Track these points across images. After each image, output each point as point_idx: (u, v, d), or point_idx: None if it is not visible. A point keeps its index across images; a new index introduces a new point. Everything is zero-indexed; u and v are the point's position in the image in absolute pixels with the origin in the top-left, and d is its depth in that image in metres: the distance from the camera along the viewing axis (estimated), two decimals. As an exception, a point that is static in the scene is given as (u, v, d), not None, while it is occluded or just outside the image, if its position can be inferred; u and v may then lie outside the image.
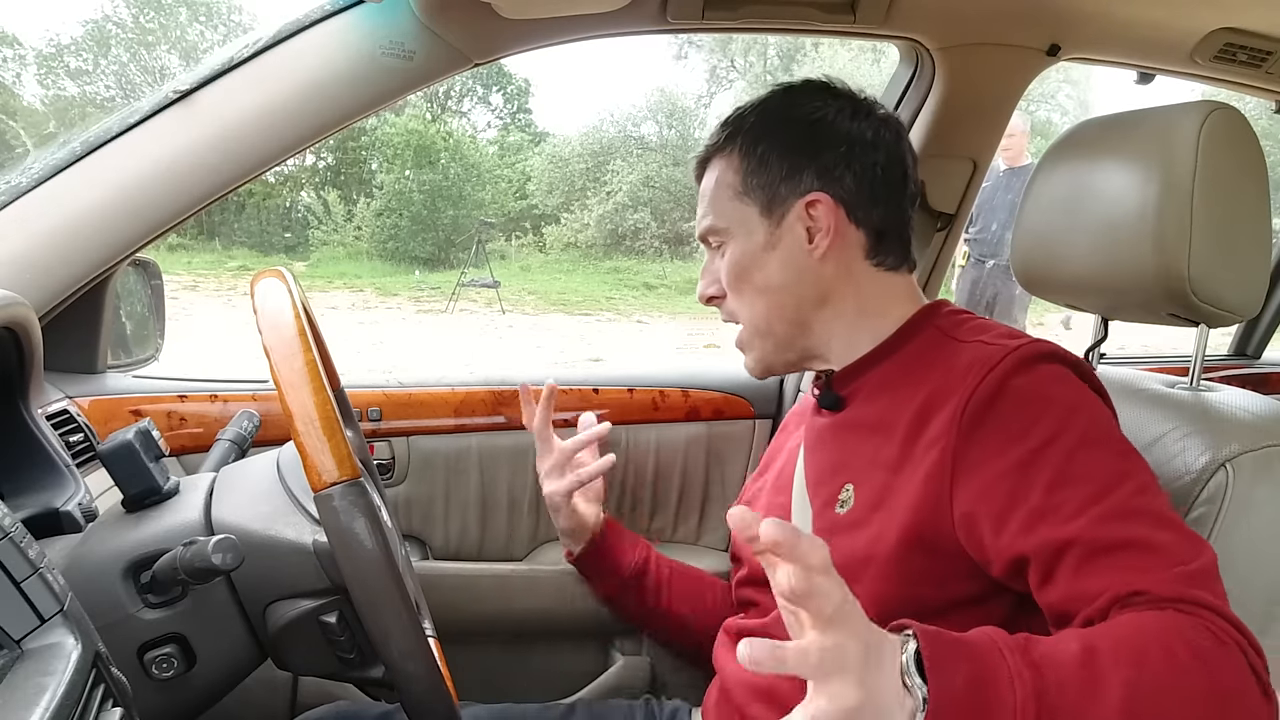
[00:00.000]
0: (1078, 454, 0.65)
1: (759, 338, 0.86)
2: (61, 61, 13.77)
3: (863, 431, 0.80)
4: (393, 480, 1.31)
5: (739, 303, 0.85)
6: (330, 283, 11.37)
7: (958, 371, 0.73)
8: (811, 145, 0.81)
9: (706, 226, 0.86)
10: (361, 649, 0.73)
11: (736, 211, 0.84)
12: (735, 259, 0.84)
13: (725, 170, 0.85)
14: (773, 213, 0.82)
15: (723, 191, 0.84)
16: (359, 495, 0.63)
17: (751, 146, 0.83)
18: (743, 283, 0.84)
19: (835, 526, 0.78)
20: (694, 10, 1.13)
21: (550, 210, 14.15)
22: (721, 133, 0.86)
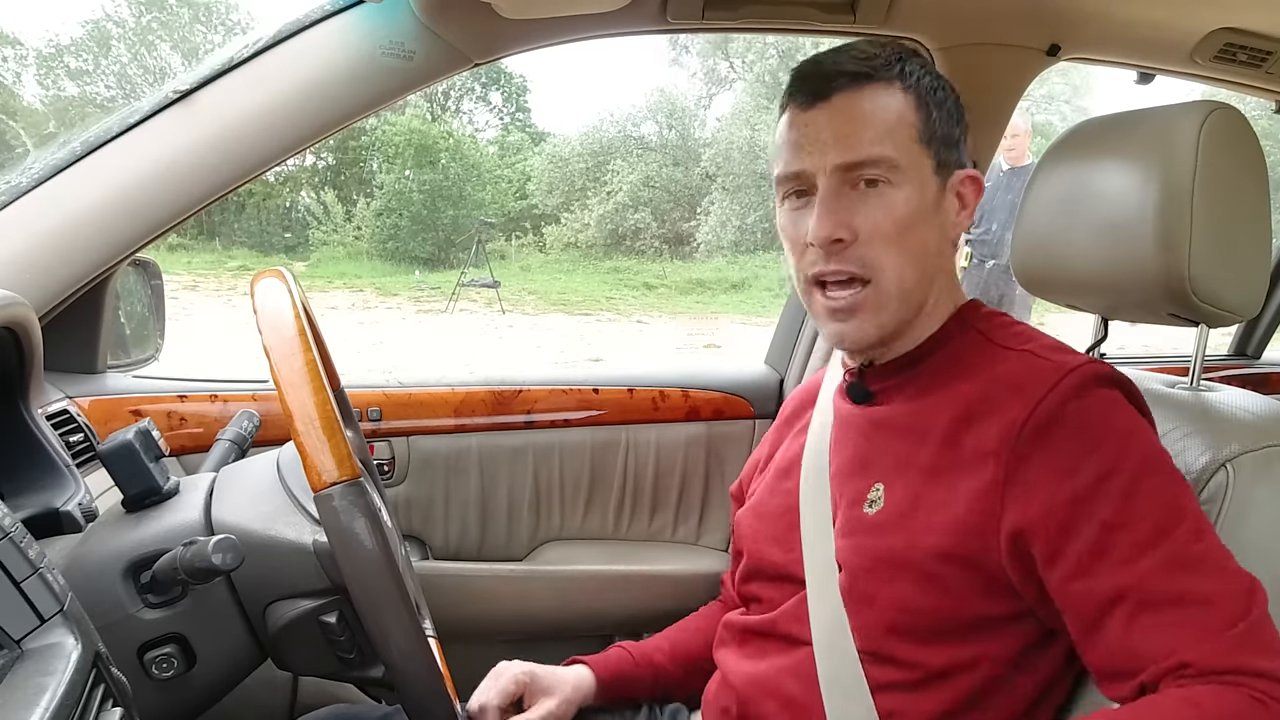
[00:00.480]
0: (1135, 490, 0.64)
1: (898, 301, 0.75)
2: (61, 61, 13.77)
3: (897, 431, 0.77)
4: (393, 480, 1.31)
5: (894, 255, 0.73)
6: (330, 283, 11.37)
7: (1006, 383, 0.71)
8: (962, 122, 0.78)
9: (877, 155, 0.72)
10: (361, 649, 0.73)
11: (915, 155, 0.74)
12: (911, 206, 0.73)
13: (900, 104, 0.74)
14: (941, 173, 0.76)
15: (904, 128, 0.73)
16: (359, 495, 0.63)
17: (929, 95, 0.75)
18: (907, 235, 0.73)
19: (864, 526, 0.76)
20: (694, 10, 1.13)
21: (550, 210, 14.15)
22: (882, 61, 0.75)
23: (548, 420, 1.35)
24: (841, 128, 0.73)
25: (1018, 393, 0.69)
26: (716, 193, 13.40)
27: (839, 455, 0.83)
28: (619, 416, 1.36)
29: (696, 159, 14.07)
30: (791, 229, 0.77)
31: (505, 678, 0.90)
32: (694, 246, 13.41)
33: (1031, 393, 0.68)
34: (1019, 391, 0.69)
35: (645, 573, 1.33)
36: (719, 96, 15.43)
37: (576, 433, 1.36)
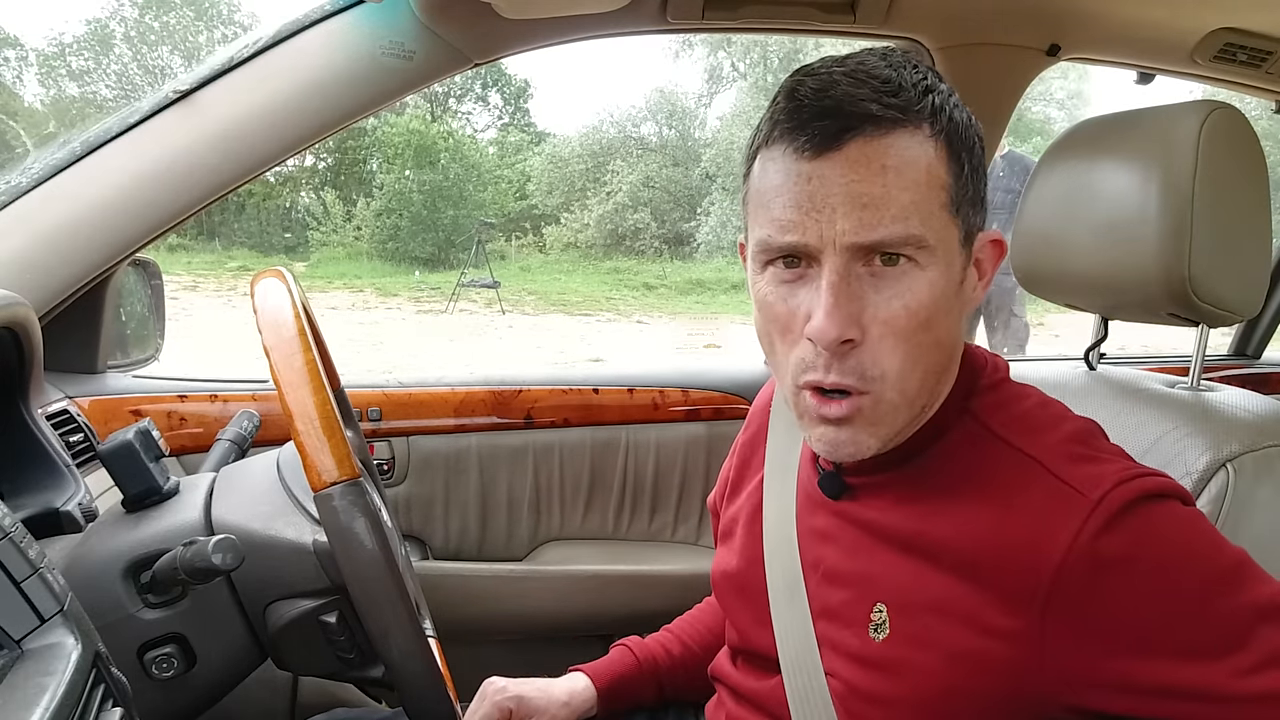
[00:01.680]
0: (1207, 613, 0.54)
1: (899, 411, 0.60)
2: (63, 61, 13.78)
3: (894, 545, 0.64)
4: (393, 480, 1.31)
5: (897, 358, 0.58)
6: (330, 283, 11.37)
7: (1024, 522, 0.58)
8: (981, 163, 0.61)
9: (904, 234, 0.55)
10: (361, 649, 0.73)
11: (945, 228, 0.57)
12: (929, 298, 0.57)
13: (929, 156, 0.57)
14: (967, 242, 0.60)
15: (936, 193, 0.57)
16: (359, 495, 0.63)
17: (962, 139, 0.58)
18: (923, 332, 0.57)
19: (868, 655, 0.65)
20: (694, 10, 1.13)
21: (550, 210, 14.16)
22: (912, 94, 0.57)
23: (548, 420, 1.35)
24: (859, 190, 0.55)
25: (1038, 538, 0.57)
26: (716, 193, 13.40)
27: (821, 552, 0.70)
28: (619, 416, 1.36)
29: (696, 159, 14.08)
30: (782, 307, 0.59)
31: (488, 702, 0.83)
32: (694, 247, 13.42)
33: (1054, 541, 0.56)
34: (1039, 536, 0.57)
35: (645, 573, 1.33)
36: (719, 96, 15.44)
37: (576, 433, 1.36)
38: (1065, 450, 0.60)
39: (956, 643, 0.60)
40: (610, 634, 1.34)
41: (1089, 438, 0.62)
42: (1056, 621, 0.56)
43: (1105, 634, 0.56)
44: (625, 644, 0.94)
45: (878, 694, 0.65)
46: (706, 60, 14.87)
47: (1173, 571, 0.55)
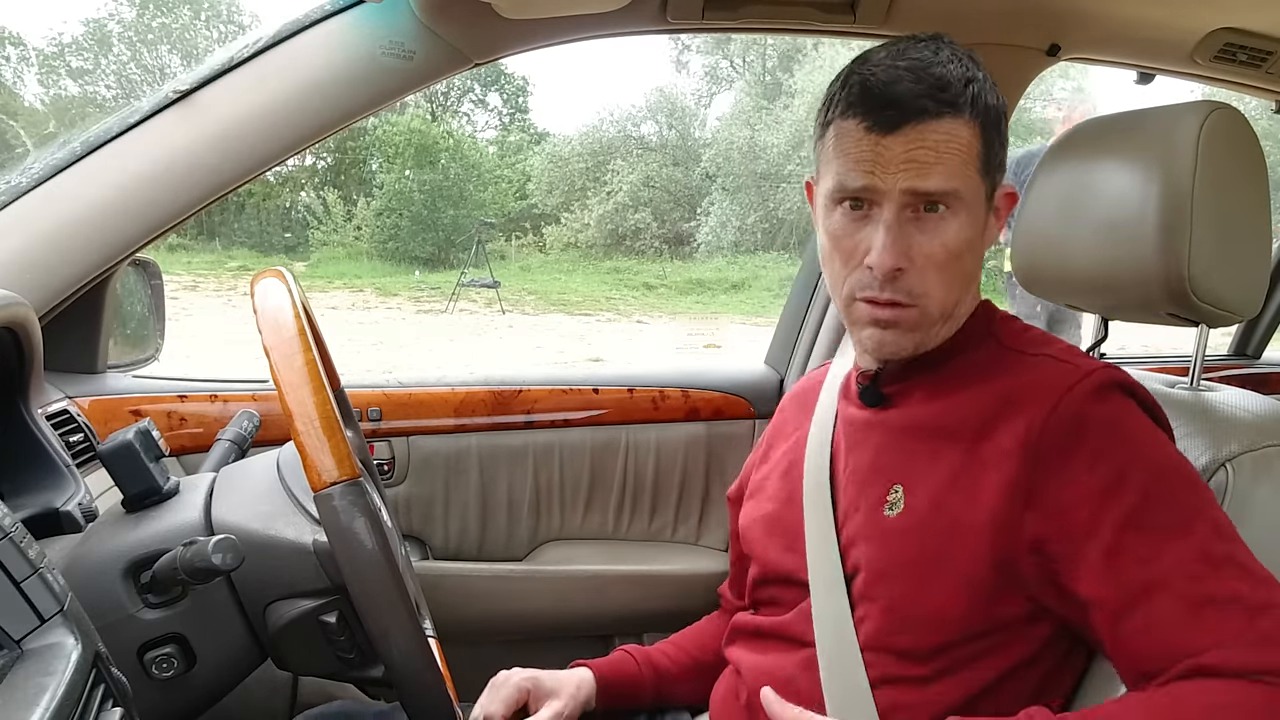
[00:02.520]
0: (1153, 492, 0.65)
1: (938, 323, 0.76)
2: (63, 61, 13.78)
3: (916, 433, 0.77)
4: (393, 480, 1.31)
5: (940, 282, 0.74)
6: (330, 283, 11.38)
7: (1026, 386, 0.72)
8: (1004, 133, 0.78)
9: (949, 188, 0.72)
10: (361, 649, 0.73)
11: (976, 187, 0.75)
12: (965, 236, 0.74)
13: (968, 135, 0.73)
14: (991, 196, 0.77)
15: (969, 159, 0.73)
16: (359, 495, 0.63)
17: (994, 122, 0.75)
18: (958, 262, 0.74)
19: (883, 529, 0.76)
20: (694, 10, 1.13)
21: (550, 210, 14.16)
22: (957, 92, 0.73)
23: (548, 420, 1.35)
24: (917, 155, 0.72)
25: (1036, 395, 0.70)
26: (716, 193, 13.41)
27: (852, 459, 0.82)
28: (619, 416, 1.36)
29: (696, 159, 14.08)
30: (848, 240, 0.75)
31: (508, 686, 0.89)
32: (694, 246, 13.42)
33: (1049, 395, 0.70)
34: (1038, 394, 0.70)
35: (645, 573, 1.33)
36: (719, 96, 15.44)
37: (576, 433, 1.36)
38: (1066, 348, 0.76)
39: (961, 511, 0.71)
40: (610, 634, 1.34)
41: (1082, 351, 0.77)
42: (1039, 470, 0.68)
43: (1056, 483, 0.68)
44: (626, 649, 0.99)
45: (887, 566, 0.76)
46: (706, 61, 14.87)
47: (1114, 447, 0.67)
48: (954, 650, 0.72)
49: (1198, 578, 0.62)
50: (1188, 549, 0.63)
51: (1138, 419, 0.69)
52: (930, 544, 0.73)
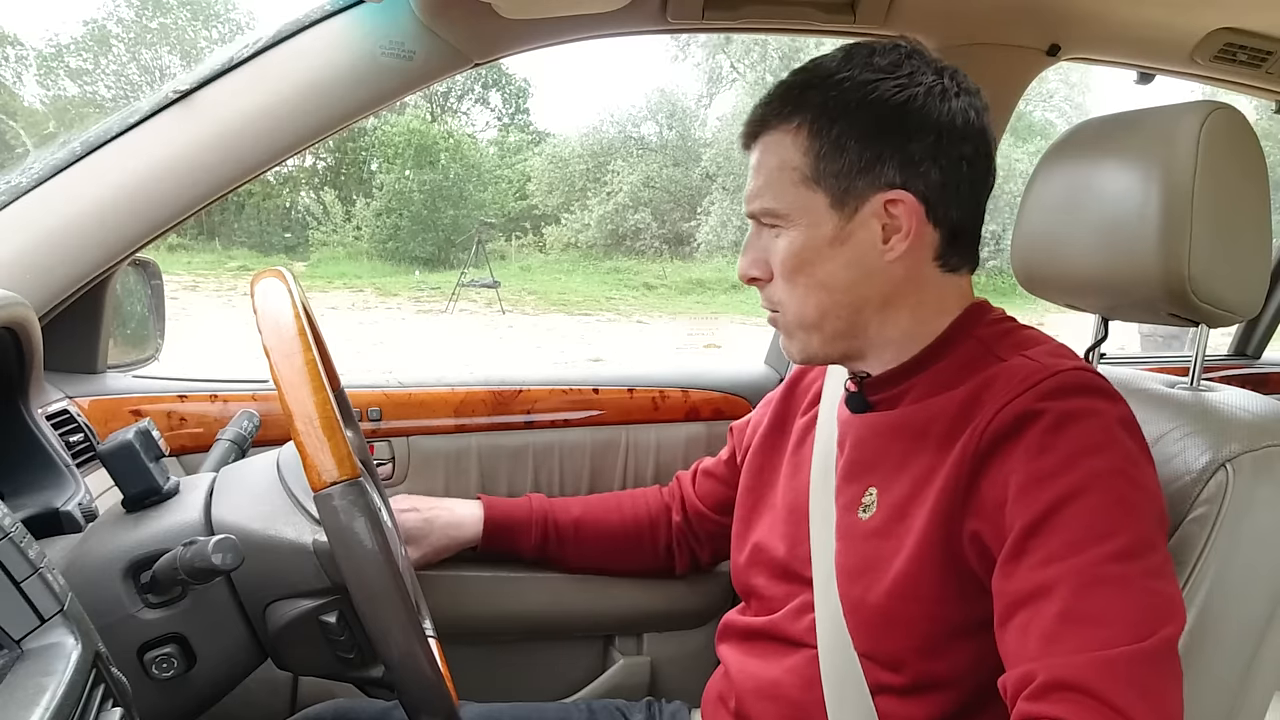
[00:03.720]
0: (1067, 501, 0.62)
1: (804, 330, 0.77)
2: (62, 61, 13.78)
3: (893, 438, 0.77)
4: (393, 480, 1.31)
5: (789, 293, 0.76)
6: (330, 283, 11.38)
7: (994, 387, 0.70)
8: (898, 133, 0.71)
9: (762, 208, 0.75)
10: (361, 649, 0.73)
11: (801, 199, 0.73)
12: (795, 249, 0.74)
13: (789, 149, 0.73)
14: (845, 205, 0.73)
15: (786, 174, 0.73)
16: (359, 495, 0.63)
17: (826, 126, 0.72)
18: (799, 274, 0.75)
19: (855, 532, 0.77)
20: (694, 10, 1.13)
21: (550, 210, 14.16)
22: (784, 101, 0.74)
23: (548, 420, 1.35)
24: (750, 179, 0.78)
25: (998, 393, 0.69)
26: (717, 193, 13.41)
27: (844, 461, 0.82)
28: (619, 416, 1.36)
29: (696, 159, 14.08)
30: None
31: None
32: (694, 246, 13.42)
33: (1008, 392, 0.68)
34: (998, 393, 0.69)
35: (645, 573, 1.33)
36: (719, 96, 15.43)
37: (576, 433, 1.36)
38: (1052, 349, 0.74)
39: (915, 515, 0.71)
40: (610, 634, 1.34)
41: (1071, 352, 0.75)
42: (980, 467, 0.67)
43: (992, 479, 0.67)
44: (533, 497, 1.11)
45: (853, 568, 0.76)
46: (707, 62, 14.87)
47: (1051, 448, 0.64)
48: (932, 655, 0.71)
49: (1075, 595, 0.60)
50: (1078, 564, 0.60)
51: (1096, 423, 0.65)
52: (886, 548, 0.73)
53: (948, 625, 0.70)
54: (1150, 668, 0.58)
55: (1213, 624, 0.71)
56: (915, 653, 0.72)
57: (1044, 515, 0.63)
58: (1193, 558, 0.71)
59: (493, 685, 1.30)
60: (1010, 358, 0.73)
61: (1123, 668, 0.57)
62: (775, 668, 0.82)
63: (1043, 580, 0.61)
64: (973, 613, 0.69)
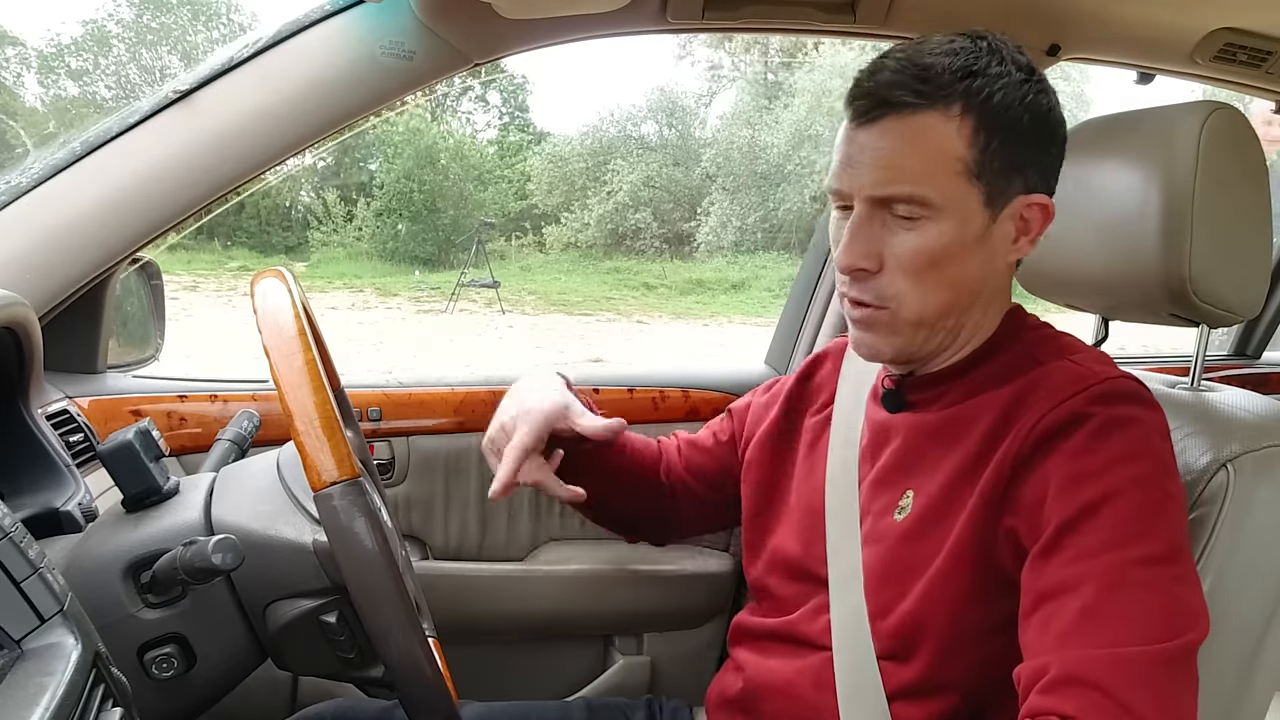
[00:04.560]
0: (1103, 502, 0.63)
1: (915, 328, 0.73)
2: (62, 61, 13.78)
3: (932, 437, 0.76)
4: (393, 480, 1.31)
5: (914, 288, 0.71)
6: (330, 283, 11.38)
7: (1039, 387, 0.70)
8: (1045, 139, 0.72)
9: (906, 193, 0.69)
10: (361, 649, 0.73)
11: (959, 191, 0.69)
12: (939, 244, 0.69)
13: (952, 137, 0.69)
14: (994, 204, 0.71)
15: (947, 162, 0.69)
16: (359, 495, 0.63)
17: (995, 121, 0.69)
18: (933, 270, 0.70)
19: (891, 533, 0.76)
20: (694, 10, 1.13)
21: (550, 210, 14.16)
22: (940, 85, 0.70)
23: (548, 420, 1.35)
24: (882, 157, 0.69)
25: (1041, 399, 0.69)
26: (717, 193, 13.41)
27: (874, 462, 0.81)
28: (619, 417, 1.36)
29: (697, 159, 14.08)
30: (835, 234, 0.75)
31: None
32: (694, 246, 13.42)
33: (1057, 395, 0.68)
34: (1043, 398, 0.69)
35: (645, 573, 1.33)
36: (719, 96, 15.43)
37: (576, 433, 1.36)
38: (1095, 355, 0.74)
39: (953, 516, 0.70)
40: (610, 634, 1.34)
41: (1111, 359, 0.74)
42: (1022, 468, 0.67)
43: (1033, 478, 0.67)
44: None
45: (885, 570, 0.75)
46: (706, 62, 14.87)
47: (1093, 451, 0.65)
48: (955, 656, 0.71)
49: (1100, 593, 0.60)
50: (1107, 562, 0.61)
51: (1139, 430, 0.66)
52: (921, 550, 0.72)
53: (971, 627, 0.70)
54: (1166, 671, 0.58)
55: (1213, 624, 0.71)
56: (936, 654, 0.71)
57: (1080, 514, 0.63)
58: (1193, 558, 0.71)
59: (493, 685, 1.30)
60: (1053, 362, 0.72)
61: (1137, 667, 0.57)
62: (788, 668, 0.81)
63: (1071, 576, 0.61)
64: (994, 614, 0.69)
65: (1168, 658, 0.58)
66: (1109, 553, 0.61)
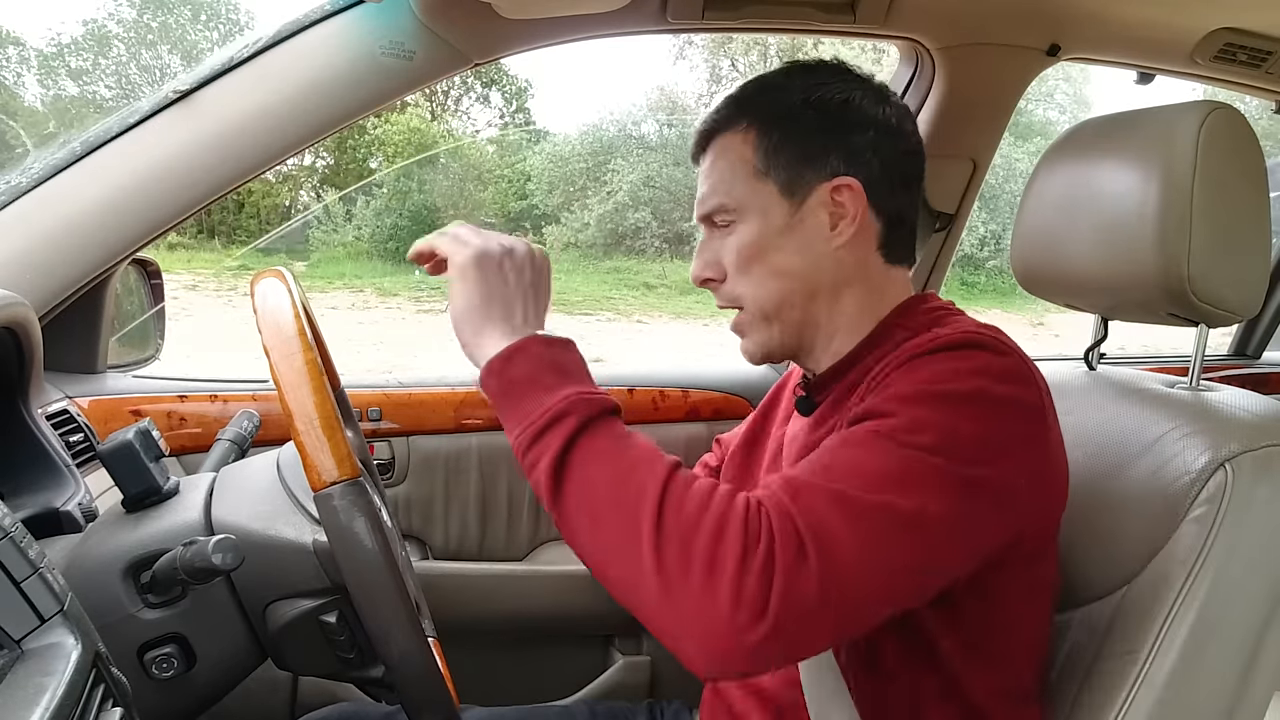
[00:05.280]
0: (902, 406, 0.61)
1: (764, 322, 0.80)
2: (63, 61, 13.78)
3: (824, 433, 0.78)
4: (393, 480, 1.31)
5: (747, 283, 0.79)
6: (330, 283, 11.37)
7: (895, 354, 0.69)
8: (840, 126, 0.77)
9: (715, 205, 0.79)
10: (361, 649, 0.73)
11: (752, 190, 0.78)
12: (749, 239, 0.77)
13: (740, 147, 0.78)
14: (794, 194, 0.77)
15: (737, 168, 0.78)
16: (359, 495, 0.63)
17: (775, 123, 0.77)
18: (755, 263, 0.78)
19: None
20: (694, 10, 1.13)
21: (550, 210, 14.15)
22: (731, 108, 0.80)
23: (548, 420, 1.35)
24: (704, 182, 0.81)
25: (895, 355, 0.68)
26: (717, 192, 13.38)
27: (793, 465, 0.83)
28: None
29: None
30: None
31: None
32: (694, 246, 13.40)
33: (906, 352, 0.67)
34: (897, 354, 0.68)
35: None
36: (719, 95, 15.41)
37: (576, 433, 1.36)
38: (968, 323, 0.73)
39: None
40: (610, 634, 1.34)
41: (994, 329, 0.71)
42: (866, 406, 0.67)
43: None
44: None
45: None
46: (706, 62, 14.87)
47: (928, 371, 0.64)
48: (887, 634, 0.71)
49: (850, 444, 0.60)
50: (883, 436, 0.60)
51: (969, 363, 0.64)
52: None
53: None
54: (843, 509, 0.57)
55: (1213, 624, 0.71)
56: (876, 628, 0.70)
57: (872, 410, 0.63)
58: (1192, 557, 0.71)
59: (493, 685, 1.30)
60: (925, 332, 0.72)
61: (840, 497, 0.57)
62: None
63: (829, 442, 0.62)
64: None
65: (853, 502, 0.57)
66: (882, 433, 0.60)
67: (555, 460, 0.60)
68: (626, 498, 0.58)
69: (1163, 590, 0.71)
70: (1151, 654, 0.70)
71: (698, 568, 0.54)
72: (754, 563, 0.54)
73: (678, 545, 0.55)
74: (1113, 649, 0.74)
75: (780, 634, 0.53)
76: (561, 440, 0.60)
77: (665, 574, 0.55)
